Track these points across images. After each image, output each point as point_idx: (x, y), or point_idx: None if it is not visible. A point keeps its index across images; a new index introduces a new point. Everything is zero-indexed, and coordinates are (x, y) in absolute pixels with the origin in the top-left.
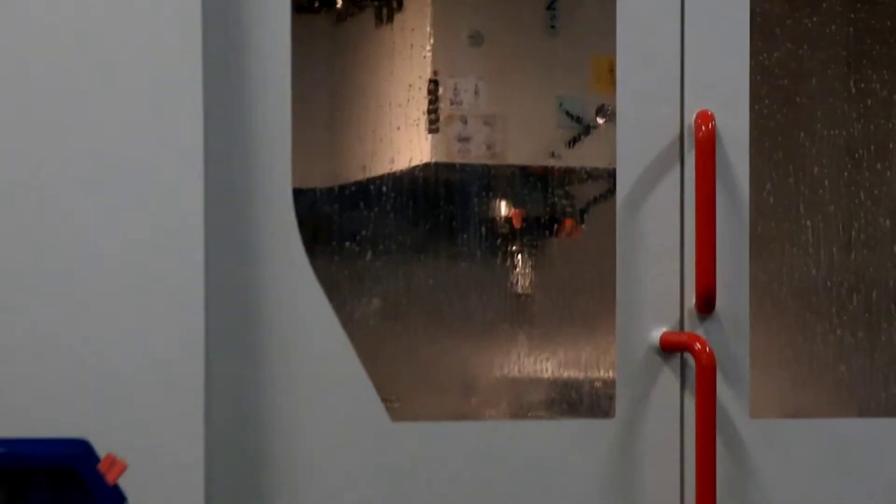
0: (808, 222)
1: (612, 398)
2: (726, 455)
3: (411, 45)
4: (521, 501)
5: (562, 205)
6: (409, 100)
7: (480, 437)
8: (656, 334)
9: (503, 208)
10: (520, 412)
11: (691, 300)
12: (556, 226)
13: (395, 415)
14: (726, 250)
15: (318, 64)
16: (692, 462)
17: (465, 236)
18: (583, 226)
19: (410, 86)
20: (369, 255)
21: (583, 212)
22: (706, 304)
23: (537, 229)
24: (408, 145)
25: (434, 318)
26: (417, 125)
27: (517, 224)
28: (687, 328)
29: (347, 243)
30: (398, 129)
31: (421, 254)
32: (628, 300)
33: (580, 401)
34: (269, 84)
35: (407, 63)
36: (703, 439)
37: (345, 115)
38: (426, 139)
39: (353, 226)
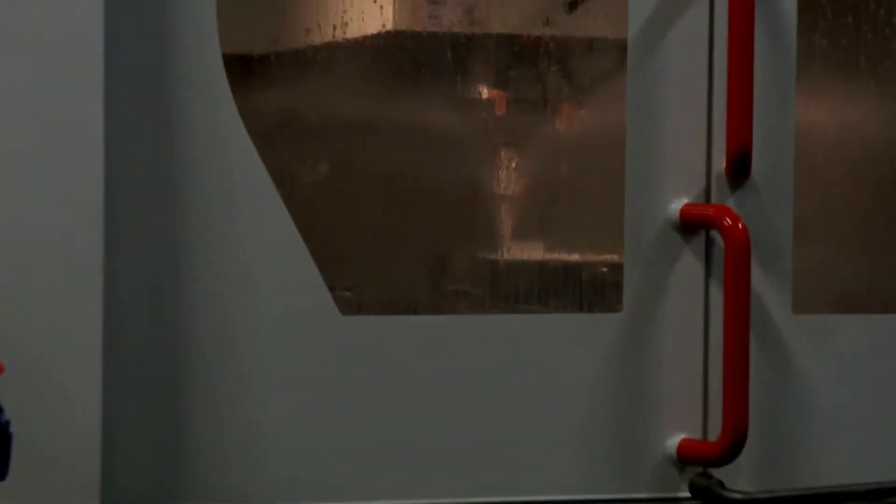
0: (870, 69)
1: (618, 287)
2: (762, 358)
3: None
4: (505, 411)
5: (557, 84)
6: None
7: (453, 335)
8: (675, 207)
9: (483, 89)
10: (503, 305)
11: (720, 163)
12: (548, 108)
13: (347, 306)
14: (766, 101)
15: None
16: (718, 366)
17: (435, 126)
18: (582, 111)
19: None
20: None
21: (584, 94)
22: (739, 168)
23: (526, 114)
24: (366, 6)
25: (397, 194)
26: None
27: (500, 108)
28: (714, 199)
29: (287, 123)
30: None
31: (378, 146)
32: (640, 162)
33: (579, 290)
34: None
35: None
36: (734, 339)
37: None
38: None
39: (292, 104)
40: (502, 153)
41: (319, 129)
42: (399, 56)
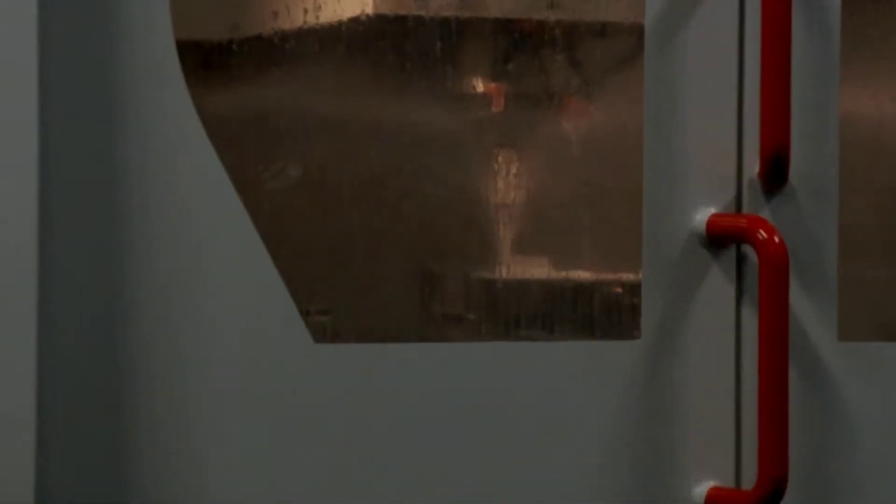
0: None
1: (636, 310)
2: (803, 392)
3: None
4: (503, 455)
5: (563, 75)
6: None
7: (444, 366)
8: (701, 217)
9: (478, 82)
10: (502, 331)
11: (753, 166)
12: (553, 104)
13: (321, 333)
14: (805, 95)
15: None
16: (753, 402)
17: (422, 125)
18: (592, 107)
19: None
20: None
21: (595, 87)
22: (775, 172)
23: (527, 111)
24: None
25: (380, 204)
26: None
27: (497, 104)
28: (746, 208)
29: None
30: None
31: (358, 148)
32: (660, 166)
33: (589, 314)
34: None
35: None
36: (770, 370)
37: None
38: None
39: (258, 99)
40: (500, 156)
41: (289, 129)
42: (381, 44)
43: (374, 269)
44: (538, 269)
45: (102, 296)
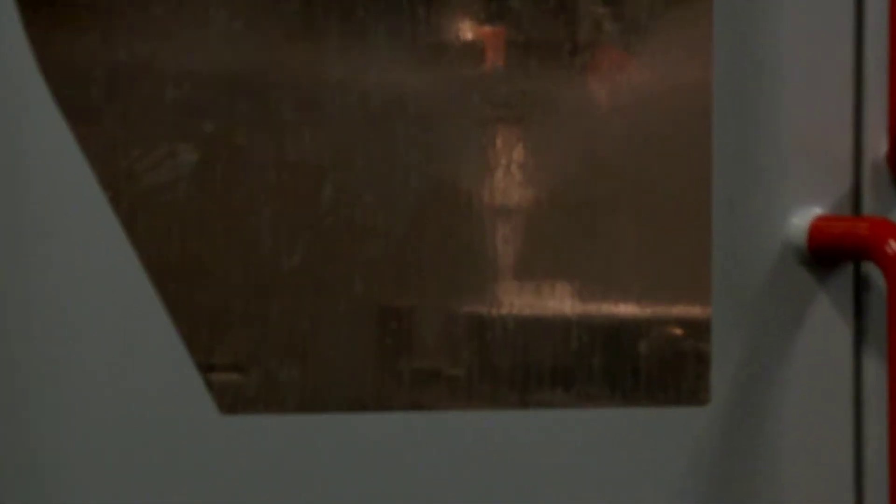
0: None
1: (703, 362)
2: None
3: None
4: None
5: (594, 20)
6: None
7: (417, 445)
8: (800, 223)
9: (466, 27)
10: (500, 394)
11: (878, 150)
12: (579, 59)
13: (232, 398)
14: None
15: None
16: (879, 474)
17: (383, 91)
18: (637, 65)
19: None
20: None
21: (639, 36)
22: None
23: (538, 69)
24: None
25: (321, 206)
26: None
27: (495, 57)
28: (867, 209)
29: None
30: None
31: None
32: (737, 150)
33: (633, 368)
34: None
35: None
36: None
37: None
38: None
39: (133, 53)
40: (499, 136)
41: (180, 93)
42: None
43: (309, 302)
44: (555, 303)
45: None
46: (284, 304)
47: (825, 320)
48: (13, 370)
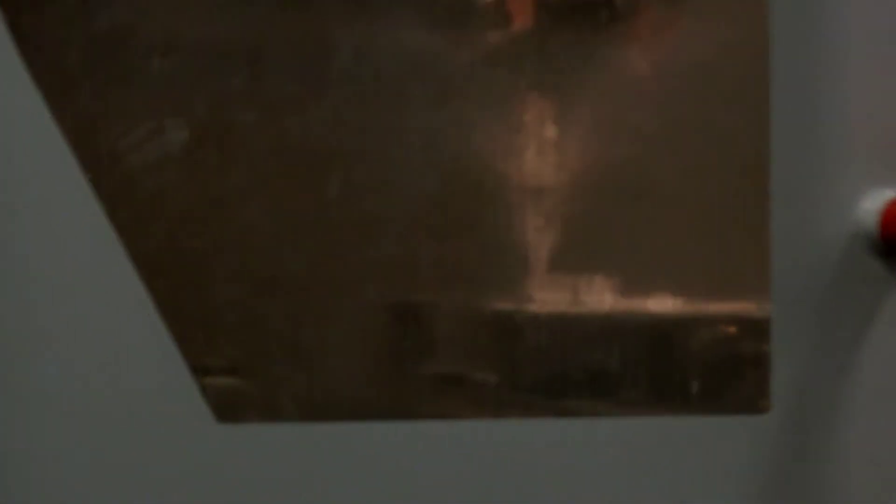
0: None
1: (761, 365)
2: None
3: None
4: None
5: None
6: None
7: (437, 457)
8: (871, 207)
9: None
10: (531, 401)
11: None
12: (615, 19)
13: (230, 405)
14: None
15: None
16: None
17: (393, 57)
18: (684, 29)
19: None
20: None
21: None
22: None
23: (572, 33)
24: None
25: (328, 191)
26: None
27: (519, 18)
28: None
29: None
30: None
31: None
32: (797, 126)
33: (682, 372)
34: None
35: None
36: None
37: None
38: None
39: (117, 16)
40: (527, 110)
41: (167, 60)
42: None
43: (315, 300)
44: (594, 299)
45: None
46: (285, 296)
47: None
48: None
